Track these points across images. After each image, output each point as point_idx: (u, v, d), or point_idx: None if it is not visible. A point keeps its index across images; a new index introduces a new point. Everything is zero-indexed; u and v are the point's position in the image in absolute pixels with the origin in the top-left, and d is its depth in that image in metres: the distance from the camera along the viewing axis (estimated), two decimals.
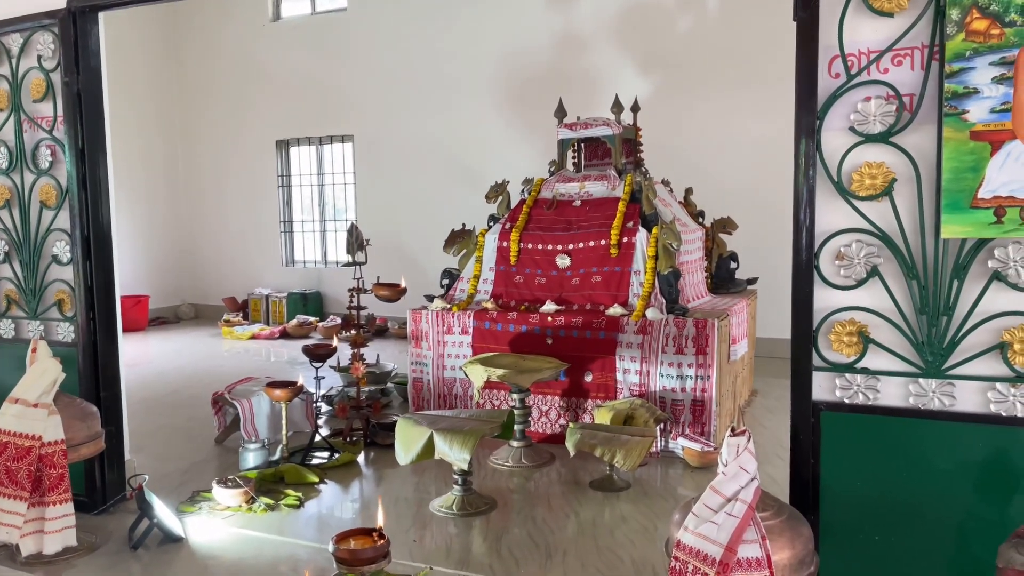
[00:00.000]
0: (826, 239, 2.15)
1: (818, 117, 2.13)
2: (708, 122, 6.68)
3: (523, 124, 7.42)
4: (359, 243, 4.28)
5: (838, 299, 2.15)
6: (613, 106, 4.86)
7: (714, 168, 6.62)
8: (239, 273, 9.30)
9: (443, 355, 4.49)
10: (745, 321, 4.76)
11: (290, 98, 8.81)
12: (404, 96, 8.19)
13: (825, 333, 2.17)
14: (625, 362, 4.02)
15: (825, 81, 2.13)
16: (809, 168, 2.13)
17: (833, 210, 2.13)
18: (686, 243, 4.55)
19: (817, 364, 2.18)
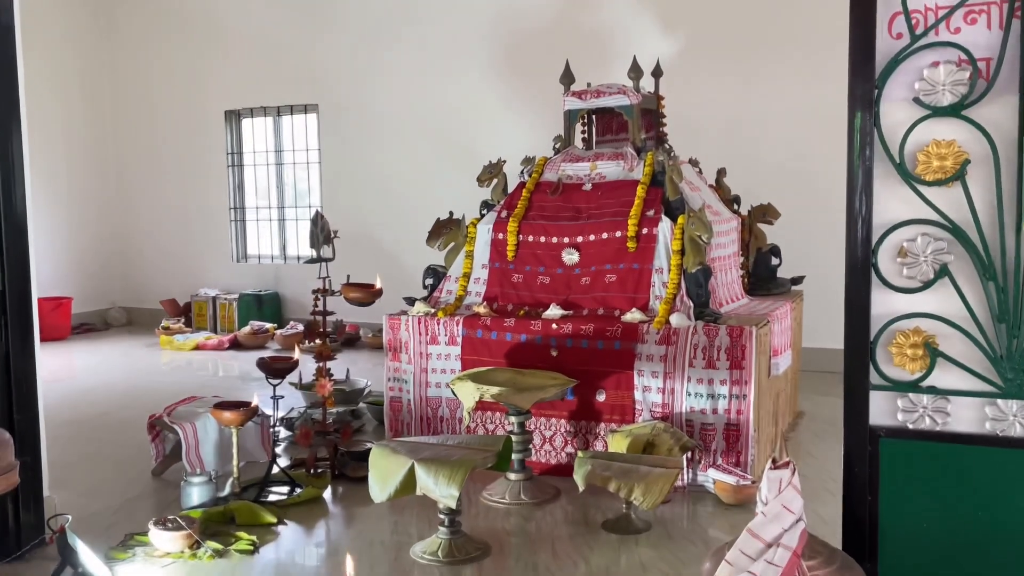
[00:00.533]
0: (886, 232, 2.16)
1: (876, 86, 2.14)
2: (745, 89, 6.69)
3: (523, 92, 7.42)
4: (325, 235, 4.28)
5: (900, 304, 2.16)
6: (631, 70, 4.86)
7: (752, 145, 6.62)
8: (180, 271, 9.30)
9: (426, 370, 4.49)
10: (789, 328, 4.78)
11: (242, 60, 8.82)
12: (379, 58, 8.19)
13: (885, 345, 2.18)
14: (645, 378, 4.03)
15: (885, 43, 2.14)
16: (865, 147, 2.14)
17: (894, 198, 2.14)
18: (718, 235, 4.56)
19: (875, 382, 2.18)
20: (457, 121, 7.82)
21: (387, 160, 8.22)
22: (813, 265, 5.76)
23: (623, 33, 7.02)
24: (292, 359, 4.13)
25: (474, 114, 7.73)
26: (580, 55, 6.01)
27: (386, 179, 8.23)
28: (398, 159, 8.16)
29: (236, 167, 9.20)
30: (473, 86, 7.72)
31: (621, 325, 4.11)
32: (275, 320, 8.64)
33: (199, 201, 9.23)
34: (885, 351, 2.18)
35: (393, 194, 8.20)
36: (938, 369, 2.16)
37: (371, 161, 8.31)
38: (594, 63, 6.37)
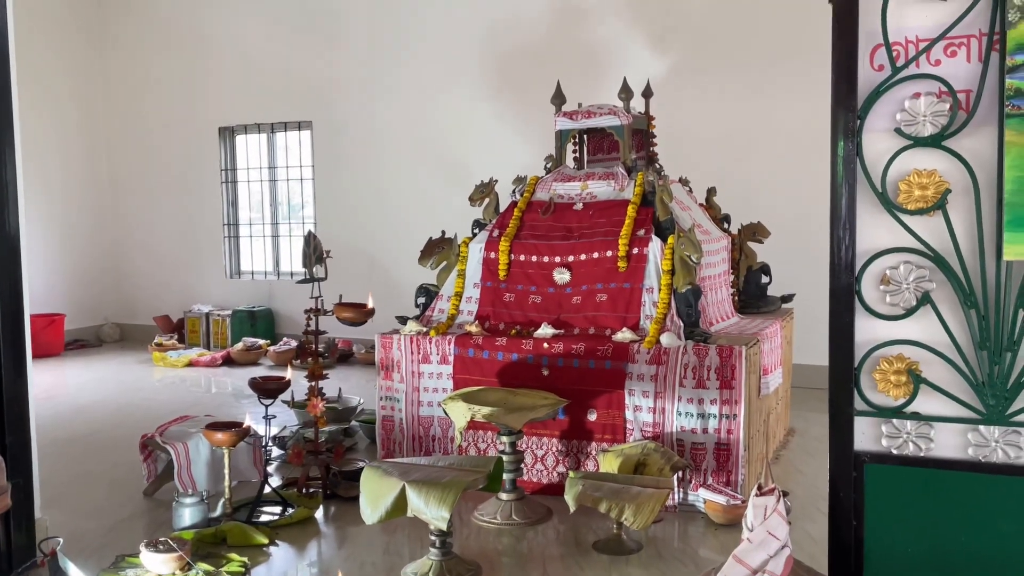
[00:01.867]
0: (869, 260, 2.19)
1: (859, 116, 2.18)
2: (735, 109, 6.75)
3: (515, 109, 7.48)
4: (318, 255, 4.30)
5: (883, 331, 2.19)
6: (621, 91, 4.90)
7: (742, 164, 6.67)
8: (174, 287, 9.31)
9: (418, 389, 4.51)
10: (779, 347, 4.80)
11: (236, 76, 8.86)
12: (373, 75, 8.24)
13: (868, 371, 2.21)
14: (636, 398, 4.06)
15: (867, 74, 2.18)
16: (848, 176, 2.18)
17: (877, 226, 2.18)
18: (708, 254, 4.59)
19: (859, 408, 2.21)
20: (450, 138, 7.86)
21: (380, 177, 8.26)
22: (803, 282, 5.80)
23: (614, 50, 7.07)
24: (284, 379, 4.14)
25: (467, 131, 7.77)
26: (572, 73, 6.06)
27: (379, 196, 8.26)
28: (391, 176, 8.20)
29: (230, 183, 9.22)
30: (466, 103, 7.77)
31: (612, 345, 4.13)
32: (268, 336, 8.64)
33: (193, 217, 9.25)
34: (869, 377, 2.21)
35: (386, 211, 8.23)
36: (921, 395, 2.19)
37: (364, 178, 8.35)
38: (585, 82, 6.43)
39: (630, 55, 6.98)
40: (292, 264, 8.99)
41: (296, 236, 8.95)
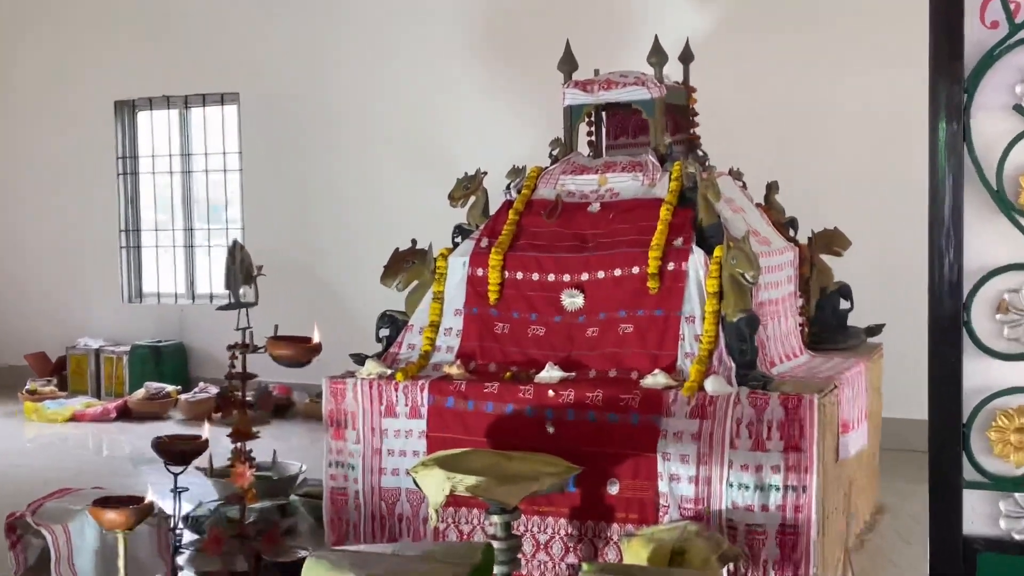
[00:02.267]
0: (981, 280, 2.20)
1: (965, 89, 2.19)
2: (801, 80, 6.78)
3: (511, 81, 7.52)
4: (246, 272, 4.31)
5: (1002, 375, 2.20)
6: (652, 54, 4.93)
7: (813, 152, 6.70)
8: (52, 315, 9.31)
9: (380, 451, 4.50)
10: (864, 394, 4.81)
11: (139, 34, 8.89)
12: (321, 35, 8.28)
13: (982, 429, 2.21)
14: (672, 463, 4.05)
15: (976, 33, 2.20)
16: (952, 169, 2.19)
17: (991, 235, 2.19)
18: (770, 270, 4.61)
19: (970, 478, 2.21)
20: (425, 118, 7.91)
21: (330, 168, 8.28)
22: (896, 309, 5.80)
23: (642, 4, 7.12)
24: (199, 439, 4.14)
25: (447, 110, 7.81)
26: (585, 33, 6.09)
27: (329, 193, 8.29)
28: (345, 166, 8.22)
29: (129, 175, 9.24)
30: (446, 71, 7.81)
31: (640, 392, 4.13)
32: (179, 381, 8.63)
33: (78, 222, 9.27)
34: (982, 437, 2.21)
35: (338, 213, 8.24)
36: None
37: (309, 169, 8.37)
38: (604, 44, 6.47)
39: (664, 8, 7.03)
40: (212, 284, 8.99)
41: (218, 246, 8.96)
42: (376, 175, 8.11)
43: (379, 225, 7.74)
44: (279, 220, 8.47)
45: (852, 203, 6.41)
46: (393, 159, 8.05)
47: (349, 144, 8.24)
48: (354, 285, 7.73)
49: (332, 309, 7.66)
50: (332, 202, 8.29)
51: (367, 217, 8.06)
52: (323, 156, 8.34)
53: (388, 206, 7.93)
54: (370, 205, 8.10)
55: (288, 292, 7.60)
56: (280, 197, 8.53)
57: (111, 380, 8.67)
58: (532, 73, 6.97)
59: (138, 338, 8.91)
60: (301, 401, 7.98)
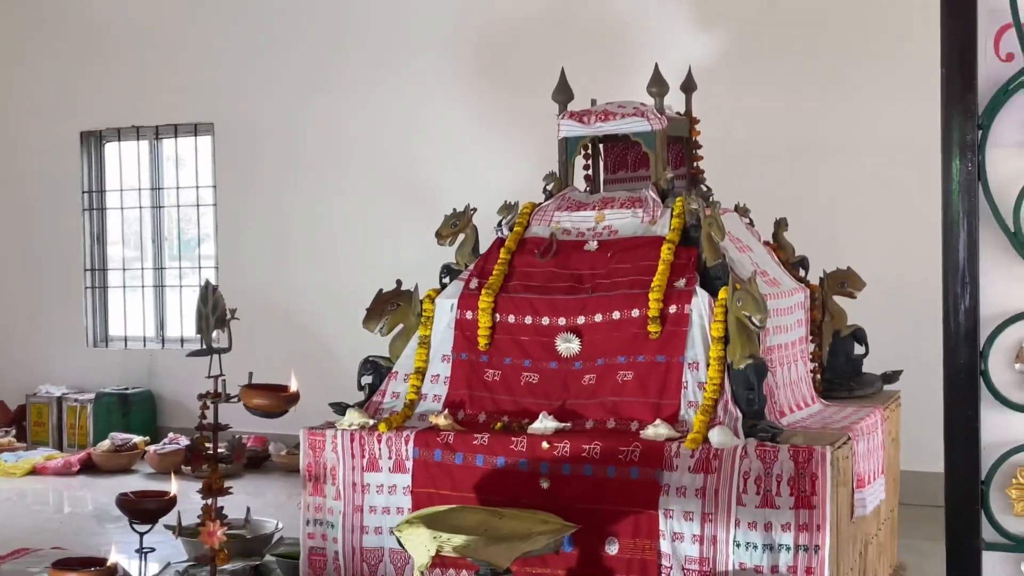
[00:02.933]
0: (999, 328, 2.21)
1: (980, 125, 2.22)
2: (812, 112, 6.82)
3: (503, 112, 7.56)
4: (218, 316, 4.32)
5: (1021, 428, 2.20)
6: (652, 83, 4.96)
7: (824, 187, 6.72)
8: (11, 360, 9.28)
9: (361, 508, 4.48)
10: (881, 447, 4.79)
11: (107, 62, 8.92)
12: (301, 62, 8.32)
13: (1001, 486, 2.21)
14: (675, 521, 4.04)
15: (991, 66, 2.22)
16: (967, 208, 2.21)
17: (1009, 279, 2.20)
18: (779, 313, 4.61)
19: (989, 539, 2.21)
20: (412, 151, 7.94)
21: (310, 203, 8.30)
22: (914, 355, 5.81)
23: (642, 31, 7.17)
24: (167, 495, 4.12)
25: (435, 142, 7.85)
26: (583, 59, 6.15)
27: (308, 230, 8.30)
28: (326, 202, 8.24)
29: (96, 211, 9.25)
30: (433, 102, 7.86)
31: (640, 444, 4.12)
32: (147, 431, 8.60)
33: (40, 260, 9.27)
34: (1002, 495, 2.21)
35: (318, 252, 8.25)
36: None
37: (287, 204, 8.40)
38: (602, 71, 6.50)
39: (665, 34, 7.08)
40: (183, 327, 8.98)
41: (190, 286, 8.95)
42: (359, 211, 8.12)
43: (362, 264, 7.74)
44: (255, 258, 8.47)
45: (866, 241, 6.44)
46: (377, 194, 8.07)
47: (330, 178, 8.26)
48: (335, 329, 7.73)
49: (311, 355, 7.65)
50: (312, 240, 8.29)
51: (349, 256, 8.06)
52: (303, 191, 8.35)
53: (372, 244, 7.94)
54: (353, 243, 8.11)
55: (264, 337, 7.61)
56: (256, 234, 8.53)
57: (74, 430, 8.62)
58: (525, 104, 7.02)
59: (103, 385, 8.87)
60: (277, 453, 7.94)
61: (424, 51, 7.92)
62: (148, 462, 7.94)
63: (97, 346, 9.19)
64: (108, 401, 8.62)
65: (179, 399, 8.68)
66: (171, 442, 8.09)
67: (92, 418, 8.56)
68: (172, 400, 8.76)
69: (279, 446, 7.98)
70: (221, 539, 4.17)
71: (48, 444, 8.64)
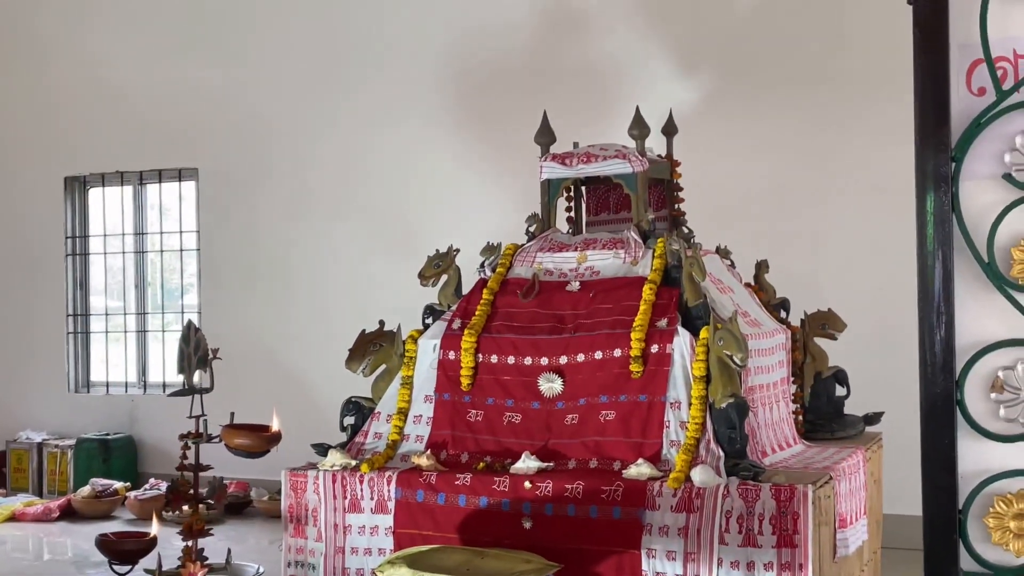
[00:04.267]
0: (974, 357, 2.23)
1: (953, 158, 2.25)
2: (793, 154, 6.89)
3: (486, 155, 7.62)
4: (200, 356, 4.32)
5: (998, 457, 2.22)
6: (633, 126, 5.00)
7: (805, 230, 6.76)
8: None
9: (343, 550, 4.44)
10: (863, 488, 4.79)
11: (93, 107, 8.96)
12: (284, 106, 8.37)
13: (978, 515, 2.22)
14: (658, 561, 4.01)
15: (963, 101, 2.26)
16: (941, 240, 2.24)
17: (984, 309, 2.22)
18: (760, 354, 4.62)
19: (967, 568, 2.22)
20: (395, 194, 7.98)
21: (293, 247, 8.33)
22: (895, 396, 5.82)
23: (624, 72, 7.24)
24: (146, 535, 4.10)
25: (418, 185, 7.89)
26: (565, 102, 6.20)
27: (291, 274, 8.32)
28: (310, 245, 8.27)
29: (79, 256, 9.25)
30: (417, 145, 7.91)
31: (622, 483, 4.10)
32: (128, 478, 8.56)
33: (22, 305, 9.25)
34: (980, 524, 2.22)
35: (300, 295, 8.26)
36: None
37: (270, 248, 8.43)
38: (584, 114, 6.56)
39: (646, 78, 7.15)
40: (165, 373, 8.95)
41: (172, 331, 8.93)
42: (342, 254, 8.15)
43: (345, 307, 7.75)
44: (238, 303, 8.48)
45: (847, 283, 6.46)
46: (360, 236, 8.10)
47: (314, 221, 8.29)
48: (318, 372, 7.72)
49: (294, 397, 7.63)
50: (295, 283, 8.32)
51: (333, 298, 8.08)
52: (286, 234, 8.39)
53: (355, 286, 7.96)
54: (336, 286, 8.12)
55: (247, 380, 7.58)
56: (240, 278, 8.55)
57: (54, 476, 8.58)
58: (508, 147, 7.08)
59: (84, 431, 8.85)
60: (259, 499, 7.90)
61: (409, 96, 7.98)
62: (129, 508, 7.89)
63: (79, 391, 9.16)
64: (89, 447, 8.59)
65: (161, 445, 8.63)
66: (152, 487, 8.04)
67: (73, 464, 8.53)
68: (153, 446, 8.72)
69: (261, 491, 7.94)
70: None
71: (28, 490, 8.59)
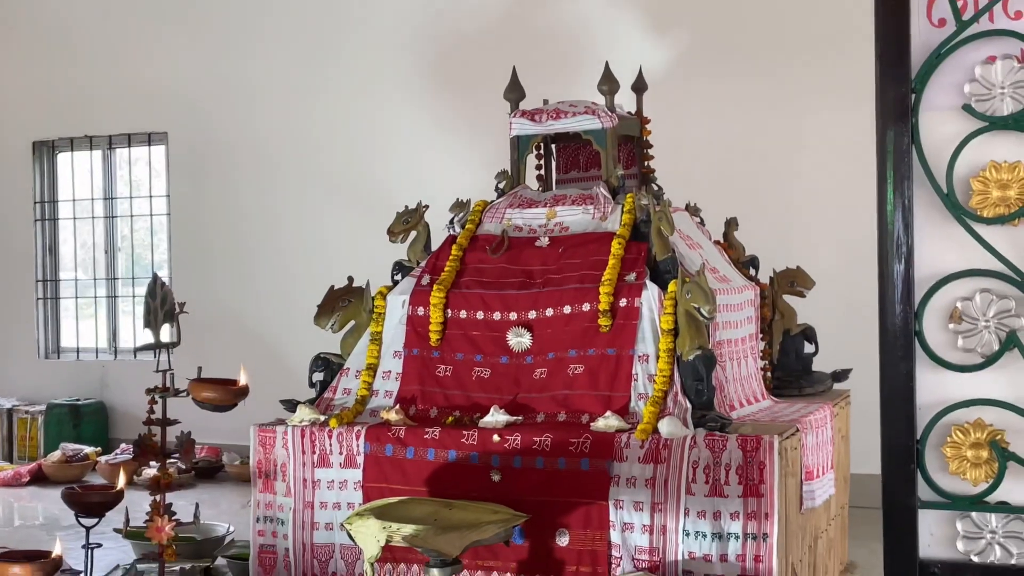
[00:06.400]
0: (932, 288, 2.25)
1: (913, 89, 2.26)
2: (764, 112, 6.89)
3: (455, 113, 7.60)
4: (167, 311, 4.30)
5: (955, 387, 2.23)
6: (602, 82, 4.99)
7: (775, 187, 6.78)
8: None
9: (312, 504, 4.45)
10: (830, 442, 4.82)
11: (59, 71, 8.88)
12: (254, 69, 8.33)
13: (936, 445, 2.24)
14: (625, 512, 4.04)
15: (924, 33, 2.26)
16: (900, 172, 2.24)
17: (942, 240, 2.24)
18: (728, 309, 4.64)
19: (925, 498, 2.24)
20: (365, 153, 7.97)
21: (263, 209, 8.31)
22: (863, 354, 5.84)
23: (593, 32, 7.22)
24: (112, 489, 4.09)
25: (388, 144, 7.87)
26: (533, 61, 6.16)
27: (262, 235, 8.31)
28: (279, 207, 8.26)
29: (47, 222, 9.19)
30: (387, 106, 7.89)
31: (591, 436, 4.12)
32: (99, 442, 8.53)
33: None
34: (937, 454, 2.24)
35: (272, 256, 8.25)
36: (1010, 477, 2.22)
37: (240, 210, 8.40)
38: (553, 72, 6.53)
39: (616, 37, 7.12)
40: (135, 338, 8.92)
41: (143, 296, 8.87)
42: (312, 214, 8.14)
43: (315, 266, 7.70)
44: (209, 267, 8.45)
45: (817, 241, 6.49)
46: (331, 196, 8.10)
47: (284, 182, 8.27)
48: (288, 331, 7.70)
49: (264, 356, 7.62)
50: (266, 246, 8.30)
51: (303, 258, 8.07)
52: (256, 196, 8.36)
53: (325, 246, 7.95)
54: (306, 245, 8.12)
55: (216, 341, 7.58)
56: (210, 241, 8.52)
57: (24, 442, 8.54)
58: (477, 103, 7.05)
59: (55, 396, 8.80)
60: (231, 463, 7.89)
61: (378, 56, 7.95)
62: (100, 473, 7.87)
63: (49, 357, 9.12)
64: (59, 412, 8.56)
65: (132, 410, 8.59)
66: (123, 452, 8.02)
67: (43, 429, 8.49)
68: (124, 412, 8.69)
69: (233, 456, 7.93)
70: (169, 534, 4.14)
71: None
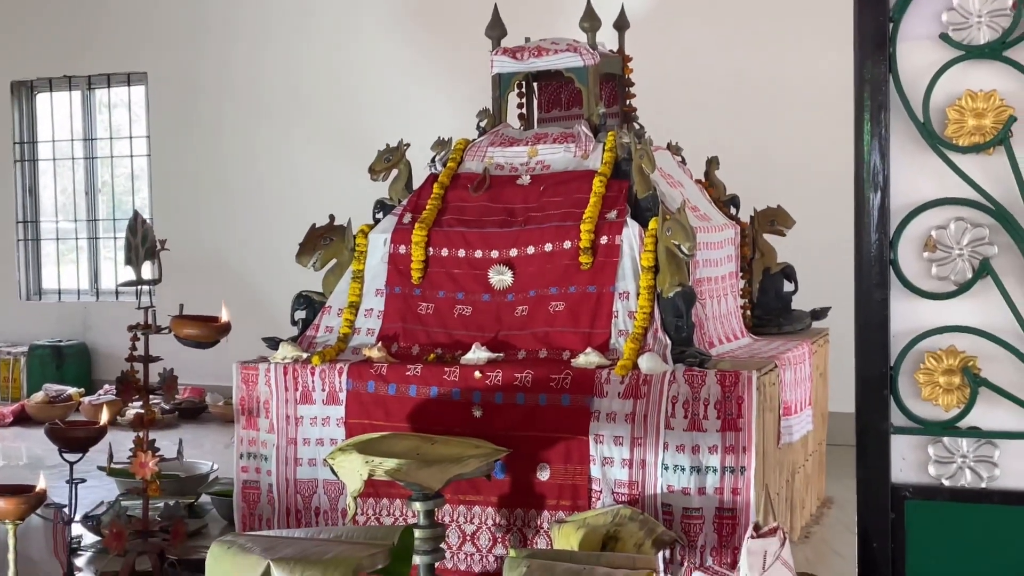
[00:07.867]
0: (907, 217, 2.26)
1: (891, 18, 2.26)
2: (747, 50, 6.87)
3: (436, 51, 7.57)
4: (149, 248, 4.29)
5: (930, 315, 2.26)
6: (584, 19, 4.98)
7: (756, 127, 6.77)
8: None
9: (295, 441, 4.48)
10: (808, 379, 4.87)
11: (38, 11, 8.80)
12: (235, 10, 8.25)
13: (909, 372, 2.27)
14: (605, 446, 4.08)
15: None
16: (878, 103, 2.25)
17: (917, 169, 2.25)
18: (709, 247, 4.66)
19: (898, 423, 2.27)
20: (346, 92, 7.93)
21: (244, 149, 8.28)
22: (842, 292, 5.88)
23: None
24: (96, 424, 4.10)
25: (369, 83, 7.84)
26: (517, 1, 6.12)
27: (242, 175, 8.29)
28: (260, 147, 8.22)
29: (27, 163, 9.14)
30: (368, 45, 7.84)
31: (571, 372, 4.14)
32: (82, 383, 8.52)
33: None
34: (910, 380, 2.27)
35: (254, 196, 8.23)
36: (981, 403, 2.25)
37: (221, 151, 8.37)
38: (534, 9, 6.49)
39: None
40: (117, 279, 8.90)
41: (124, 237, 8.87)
42: (294, 154, 8.10)
43: (297, 206, 7.69)
44: (190, 207, 8.43)
45: (798, 181, 6.50)
46: (312, 135, 8.06)
47: (265, 121, 8.22)
48: (271, 271, 7.71)
49: (246, 295, 7.62)
50: (247, 183, 8.27)
51: (285, 198, 8.04)
52: (237, 136, 8.32)
53: (307, 185, 7.93)
54: (288, 185, 8.09)
55: (198, 276, 7.59)
56: (191, 182, 8.48)
57: (7, 383, 8.54)
58: (459, 41, 7.01)
59: (37, 338, 8.79)
60: (214, 404, 7.90)
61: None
62: (83, 413, 7.85)
63: (30, 299, 9.11)
64: (42, 354, 8.56)
65: (114, 352, 8.56)
66: (104, 393, 8.02)
67: (25, 371, 8.50)
68: (107, 353, 8.68)
69: (216, 396, 7.94)
70: (153, 470, 4.15)
71: None
